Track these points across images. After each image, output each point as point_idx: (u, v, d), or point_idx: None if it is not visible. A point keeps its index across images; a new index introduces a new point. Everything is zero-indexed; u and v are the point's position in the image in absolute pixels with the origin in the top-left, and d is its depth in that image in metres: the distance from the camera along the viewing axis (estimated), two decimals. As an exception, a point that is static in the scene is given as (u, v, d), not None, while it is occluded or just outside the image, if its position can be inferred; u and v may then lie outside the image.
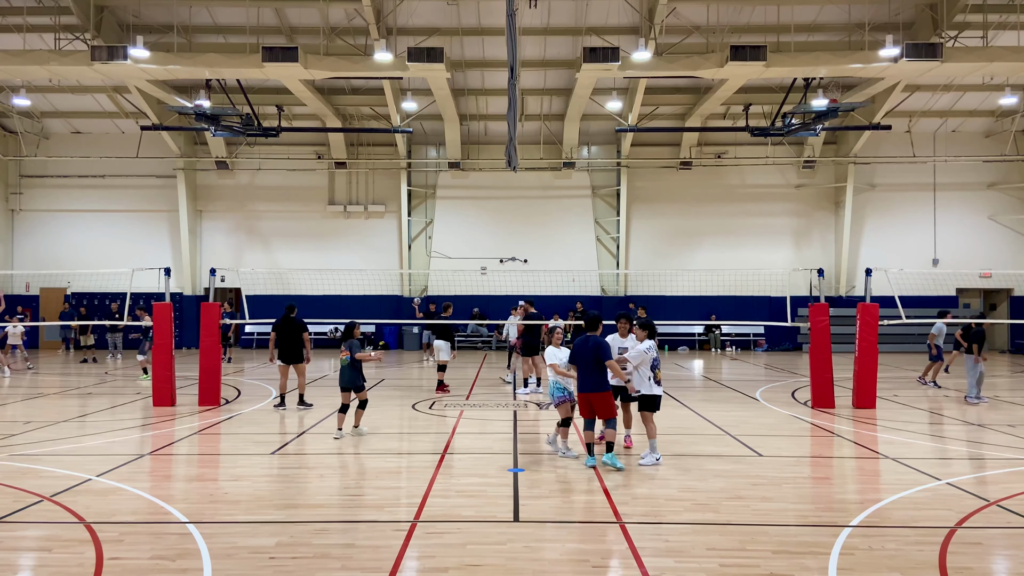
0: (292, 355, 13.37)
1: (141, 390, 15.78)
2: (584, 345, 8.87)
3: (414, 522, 6.73)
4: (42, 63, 20.06)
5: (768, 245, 28.40)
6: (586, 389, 8.83)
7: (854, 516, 6.92)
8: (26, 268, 28.17)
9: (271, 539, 6.26)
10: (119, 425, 11.79)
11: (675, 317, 26.72)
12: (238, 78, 22.15)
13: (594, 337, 8.91)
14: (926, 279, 25.71)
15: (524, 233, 28.28)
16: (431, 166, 28.90)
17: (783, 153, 28.25)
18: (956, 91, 25.68)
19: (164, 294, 14.70)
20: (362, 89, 26.27)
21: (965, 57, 19.82)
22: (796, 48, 21.20)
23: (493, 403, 13.93)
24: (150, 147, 27.38)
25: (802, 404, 14.14)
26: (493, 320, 26.49)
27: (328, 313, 26.38)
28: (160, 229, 28.91)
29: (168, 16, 21.63)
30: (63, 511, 7.02)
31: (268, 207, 29.07)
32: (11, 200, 28.84)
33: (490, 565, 5.70)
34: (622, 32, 22.43)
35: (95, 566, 5.64)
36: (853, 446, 10.36)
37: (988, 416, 12.86)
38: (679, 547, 6.11)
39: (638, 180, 28.76)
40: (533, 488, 7.91)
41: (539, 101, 27.09)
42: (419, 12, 21.90)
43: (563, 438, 9.53)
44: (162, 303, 14.06)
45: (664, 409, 13.55)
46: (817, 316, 13.65)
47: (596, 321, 9.18)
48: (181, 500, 7.45)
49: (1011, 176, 28.18)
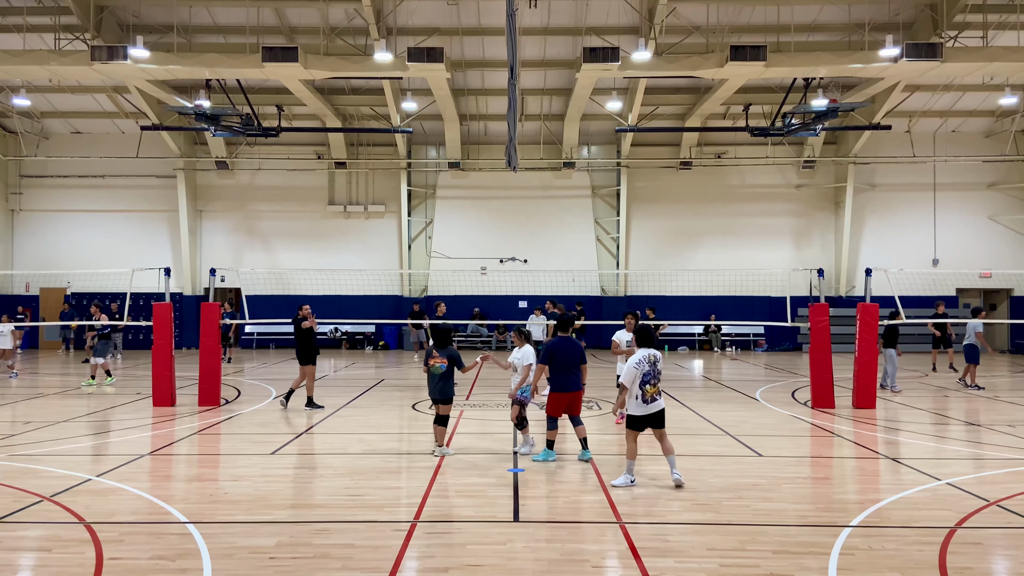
0: (303, 355, 13.23)
1: (141, 390, 15.77)
2: (567, 346, 9.06)
3: (414, 522, 6.73)
4: (42, 63, 20.06)
5: (768, 245, 28.40)
6: (573, 388, 9.04)
7: (854, 516, 6.92)
8: (26, 268, 28.16)
9: (271, 539, 6.26)
10: (119, 425, 11.79)
11: (675, 317, 26.71)
12: (238, 78, 22.14)
13: (573, 340, 9.25)
14: (926, 279, 25.69)
15: (524, 233, 28.28)
16: (431, 166, 28.90)
17: (783, 153, 28.24)
18: (956, 91, 25.67)
19: (164, 294, 14.71)
20: (362, 89, 26.27)
21: (965, 57, 19.82)
22: (796, 48, 21.20)
23: (493, 403, 13.93)
24: (150, 147, 27.38)
25: (802, 404, 14.13)
26: (493, 320, 26.53)
27: (328, 313, 26.36)
28: (160, 229, 28.91)
29: (168, 16, 21.63)
30: (63, 511, 7.02)
31: (268, 207, 29.06)
32: (11, 200, 28.83)
33: (490, 565, 5.70)
34: (622, 32, 22.43)
35: (95, 566, 5.64)
36: (853, 446, 10.36)
37: (988, 416, 12.86)
38: (679, 547, 6.11)
39: (638, 180, 28.76)
40: (533, 488, 7.91)
41: (539, 101, 27.09)
42: (419, 12, 21.90)
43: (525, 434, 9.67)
44: (162, 303, 14.06)
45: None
46: (817, 316, 13.64)
47: (570, 322, 9.59)
48: (181, 500, 7.45)
49: (1011, 176, 28.18)
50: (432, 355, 9.49)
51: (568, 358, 8.99)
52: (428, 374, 9.50)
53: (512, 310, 27.57)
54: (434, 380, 9.46)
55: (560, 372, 9.01)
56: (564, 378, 9.01)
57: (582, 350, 9.17)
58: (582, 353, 9.12)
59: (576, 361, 9.01)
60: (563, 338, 9.17)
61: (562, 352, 9.00)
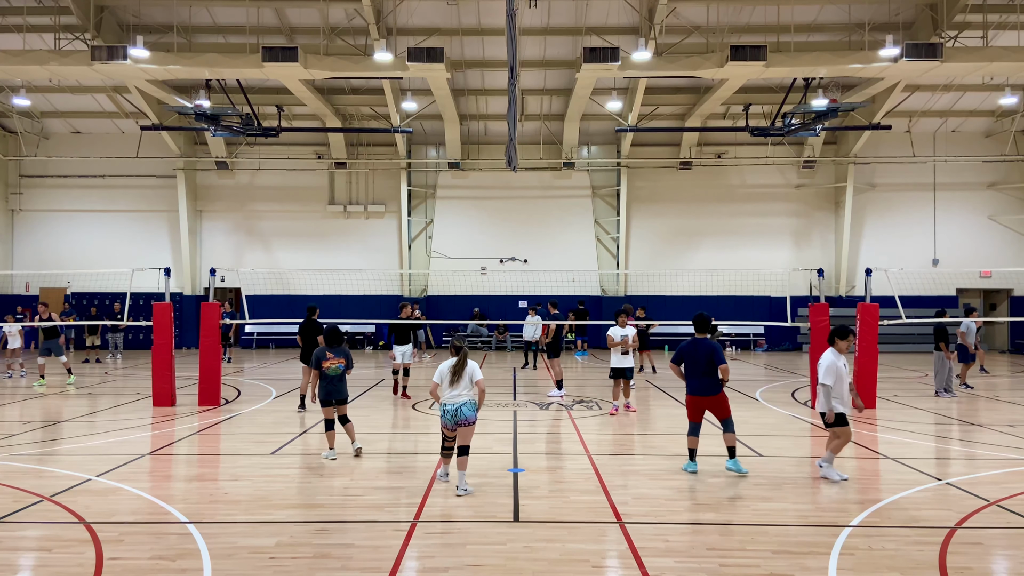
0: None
1: (141, 390, 15.77)
2: (700, 347, 8.63)
3: (414, 522, 6.73)
4: (42, 63, 20.06)
5: (768, 245, 28.40)
6: (706, 392, 8.63)
7: (854, 516, 6.93)
8: (26, 268, 28.17)
9: (271, 539, 6.26)
10: (119, 425, 11.79)
11: (675, 317, 26.69)
12: (238, 78, 22.14)
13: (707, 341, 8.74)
14: (926, 279, 25.71)
15: (524, 233, 28.29)
16: (431, 166, 28.90)
17: (783, 153, 28.25)
18: (956, 91, 25.68)
19: (164, 294, 14.71)
20: (362, 89, 26.26)
21: (965, 57, 19.82)
22: (796, 48, 21.19)
23: (493, 403, 13.92)
24: (150, 147, 27.38)
25: (802, 404, 14.13)
26: (493, 320, 26.53)
27: (328, 313, 26.30)
28: (160, 229, 28.91)
29: (168, 16, 21.63)
30: (63, 511, 7.02)
31: (268, 207, 29.06)
32: (11, 200, 28.83)
33: (490, 565, 5.69)
34: (622, 32, 22.43)
35: (95, 566, 5.64)
36: (853, 446, 10.34)
37: (988, 416, 12.86)
38: (679, 547, 6.11)
39: (638, 180, 28.76)
40: (533, 488, 7.90)
41: (539, 101, 27.09)
42: (419, 12, 21.90)
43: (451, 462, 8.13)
44: (162, 303, 14.06)
45: (664, 409, 13.63)
46: (817, 316, 13.64)
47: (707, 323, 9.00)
48: (181, 500, 7.45)
49: (1011, 176, 28.18)
50: (326, 357, 9.32)
51: (699, 360, 8.60)
52: (322, 376, 9.31)
53: (512, 310, 27.60)
54: (330, 381, 9.31)
55: (692, 375, 8.66)
56: (695, 381, 8.65)
57: (718, 351, 8.63)
58: (717, 354, 8.58)
59: (710, 363, 8.56)
60: (696, 339, 8.76)
61: (693, 354, 8.67)
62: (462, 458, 7.76)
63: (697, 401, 8.69)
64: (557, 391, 14.89)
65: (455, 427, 7.75)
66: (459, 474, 7.72)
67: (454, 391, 7.77)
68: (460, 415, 7.71)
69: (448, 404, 7.76)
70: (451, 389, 7.78)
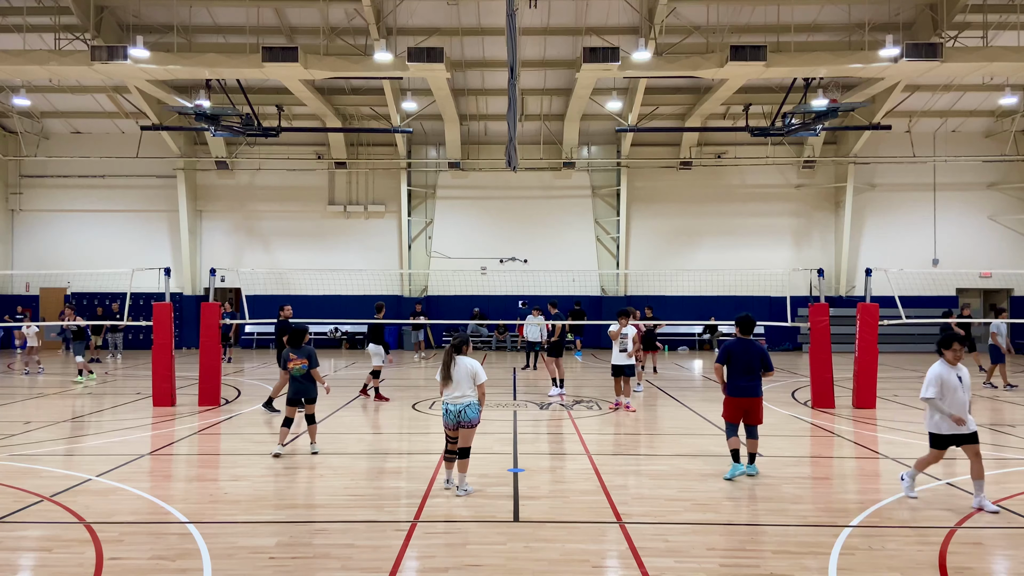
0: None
1: (141, 390, 15.77)
2: (746, 348, 8.53)
3: (414, 522, 6.73)
4: (42, 63, 20.06)
5: (768, 245, 28.40)
6: (748, 394, 8.52)
7: (854, 516, 6.92)
8: (26, 268, 28.17)
9: (271, 539, 6.26)
10: (119, 425, 11.79)
11: (675, 317, 26.71)
12: (238, 78, 22.14)
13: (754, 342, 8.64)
14: (926, 279, 25.70)
15: (524, 233, 28.29)
16: (431, 166, 28.90)
17: (783, 153, 28.25)
18: (956, 91, 25.68)
19: (164, 294, 14.71)
20: (362, 89, 26.26)
21: (965, 57, 19.82)
22: (796, 48, 21.20)
23: (493, 403, 13.92)
24: (150, 147, 27.38)
25: (802, 404, 14.13)
26: (493, 320, 26.53)
27: (328, 313, 26.44)
28: (160, 229, 28.91)
29: (168, 16, 21.63)
30: (63, 511, 7.02)
31: (268, 207, 29.07)
32: (11, 200, 28.83)
33: (490, 565, 5.69)
34: (622, 32, 22.43)
35: (95, 566, 5.64)
36: (853, 446, 10.36)
37: (987, 416, 12.86)
38: (679, 547, 6.11)
39: (638, 180, 28.76)
40: (533, 488, 7.90)
41: (539, 101, 27.09)
42: (419, 12, 21.90)
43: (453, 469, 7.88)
44: (162, 303, 14.06)
45: (664, 409, 13.64)
46: (817, 316, 13.65)
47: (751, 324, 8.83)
48: (181, 500, 7.44)
49: (1011, 176, 28.18)
50: (290, 358, 9.49)
51: (750, 362, 8.47)
52: (289, 377, 9.54)
53: (512, 310, 27.61)
54: (298, 381, 9.51)
55: (735, 376, 8.53)
56: (738, 382, 8.51)
57: (764, 353, 8.55)
58: (763, 357, 8.50)
59: (754, 366, 8.45)
60: (741, 339, 8.63)
61: (739, 354, 8.52)
62: (463, 460, 7.71)
63: (739, 403, 8.53)
64: (556, 389, 14.91)
65: (456, 427, 7.72)
66: (459, 475, 7.71)
67: (456, 391, 7.66)
68: (464, 417, 7.61)
69: (451, 405, 7.68)
70: (450, 389, 7.70)
